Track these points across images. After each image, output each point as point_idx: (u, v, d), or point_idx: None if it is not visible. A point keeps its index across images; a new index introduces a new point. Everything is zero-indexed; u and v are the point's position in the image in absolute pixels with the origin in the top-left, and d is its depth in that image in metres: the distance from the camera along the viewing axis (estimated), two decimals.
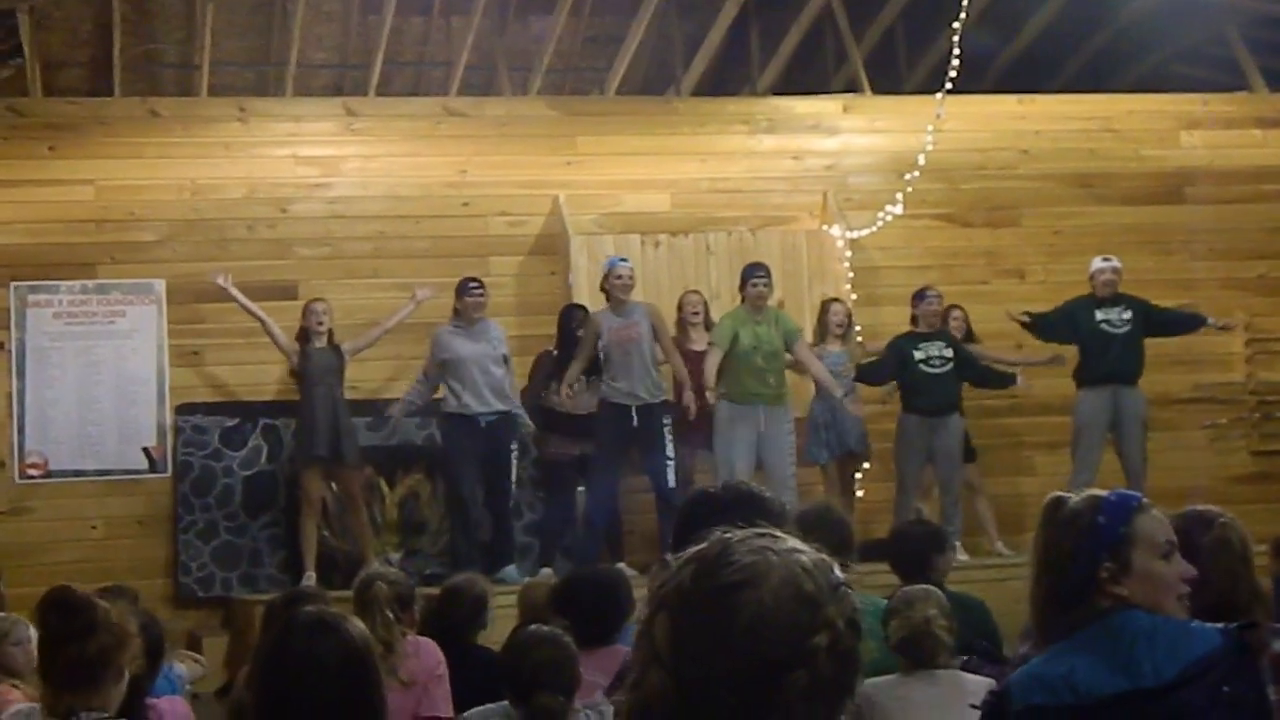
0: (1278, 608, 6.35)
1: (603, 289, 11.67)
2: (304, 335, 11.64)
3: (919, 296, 12.17)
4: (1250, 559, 4.51)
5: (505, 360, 11.61)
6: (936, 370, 11.94)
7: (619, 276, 11.56)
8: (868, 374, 12.26)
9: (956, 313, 12.61)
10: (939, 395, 11.97)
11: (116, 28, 12.71)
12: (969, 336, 12.58)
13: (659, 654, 1.98)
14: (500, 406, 11.46)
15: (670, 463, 11.46)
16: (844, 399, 11.83)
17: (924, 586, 6.02)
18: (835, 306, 12.34)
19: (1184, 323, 12.49)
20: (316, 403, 11.46)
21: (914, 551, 7.25)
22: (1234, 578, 4.41)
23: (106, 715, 4.29)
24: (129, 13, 12.93)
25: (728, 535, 2.02)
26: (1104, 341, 12.03)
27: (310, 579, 11.09)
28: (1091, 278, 12.17)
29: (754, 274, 11.72)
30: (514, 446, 11.61)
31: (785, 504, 3.98)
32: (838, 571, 2.01)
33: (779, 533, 2.03)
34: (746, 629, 1.94)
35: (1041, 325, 12.36)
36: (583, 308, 11.95)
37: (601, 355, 11.46)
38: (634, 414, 11.39)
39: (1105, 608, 3.64)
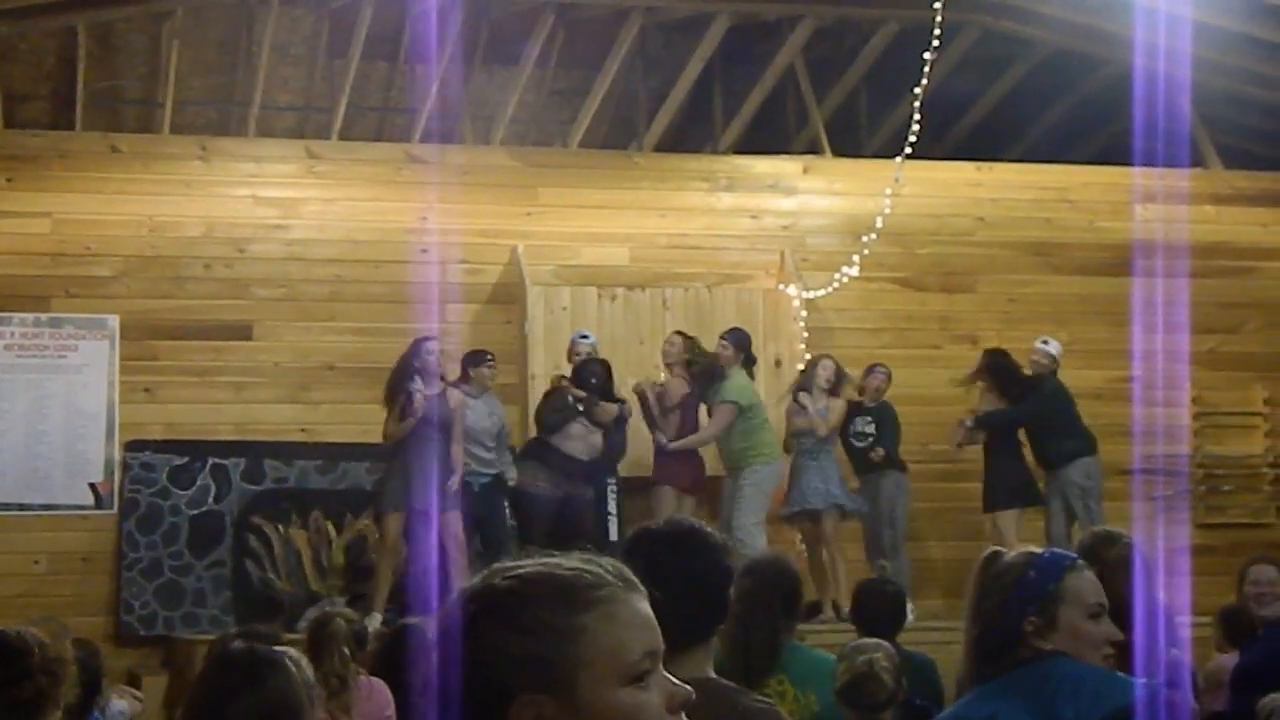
0: (1237, 679, 6.45)
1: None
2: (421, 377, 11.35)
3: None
4: (1153, 577, 4.65)
5: (501, 432, 11.77)
6: (859, 445, 12.35)
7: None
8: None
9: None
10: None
11: (81, 62, 12.71)
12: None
13: None
14: (491, 472, 11.61)
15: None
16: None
17: (875, 640, 6.04)
18: (825, 362, 12.44)
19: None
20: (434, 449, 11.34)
21: (878, 610, 7.30)
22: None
23: None
24: (94, 47, 12.93)
25: None
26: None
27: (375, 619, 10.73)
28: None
29: None
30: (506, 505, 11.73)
31: (728, 542, 3.96)
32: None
33: None
34: None
35: None
36: (604, 362, 12.00)
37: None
38: None
39: (1028, 658, 3.73)
